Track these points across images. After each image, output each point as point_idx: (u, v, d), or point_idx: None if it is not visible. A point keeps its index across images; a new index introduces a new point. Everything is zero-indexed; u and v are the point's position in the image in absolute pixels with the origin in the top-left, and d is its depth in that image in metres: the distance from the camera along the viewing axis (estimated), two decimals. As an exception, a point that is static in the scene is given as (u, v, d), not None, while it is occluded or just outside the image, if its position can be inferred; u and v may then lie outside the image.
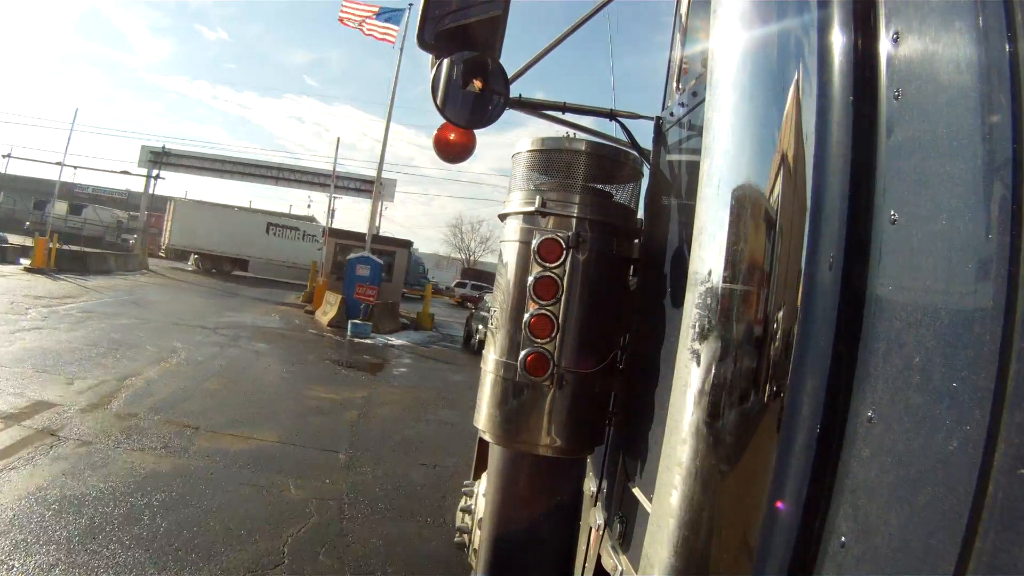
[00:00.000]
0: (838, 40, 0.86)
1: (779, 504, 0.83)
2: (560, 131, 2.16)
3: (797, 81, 0.89)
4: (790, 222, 0.86)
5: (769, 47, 0.93)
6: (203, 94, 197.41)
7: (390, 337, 16.78)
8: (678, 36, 1.96)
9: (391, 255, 22.55)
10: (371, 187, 23.88)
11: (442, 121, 1.94)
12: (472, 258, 59.38)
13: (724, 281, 0.90)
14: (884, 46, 0.81)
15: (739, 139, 0.93)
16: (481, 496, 2.12)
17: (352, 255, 19.30)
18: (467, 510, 2.31)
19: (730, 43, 0.98)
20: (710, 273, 0.92)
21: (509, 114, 1.96)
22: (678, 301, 1.30)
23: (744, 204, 0.91)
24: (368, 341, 15.35)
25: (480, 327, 15.50)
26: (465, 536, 2.27)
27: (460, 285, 38.86)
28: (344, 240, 23.08)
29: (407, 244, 24.83)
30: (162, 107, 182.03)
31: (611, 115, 2.13)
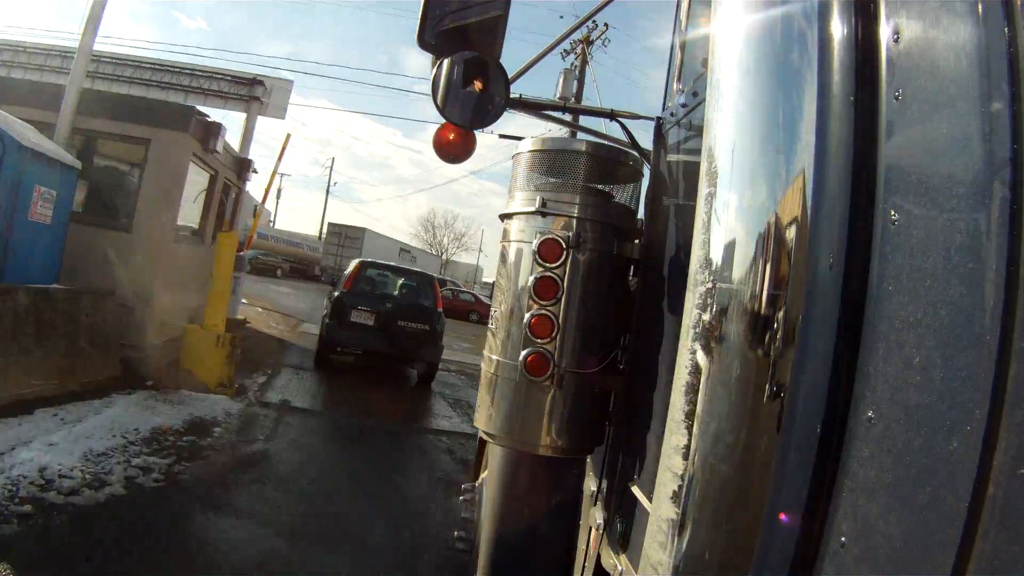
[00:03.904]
0: (838, 39, 0.86)
1: (779, 504, 0.83)
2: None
3: (797, 81, 0.89)
4: (790, 222, 0.86)
5: (769, 47, 0.93)
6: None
7: None
8: (678, 36, 1.96)
9: (142, 146, 7.29)
10: (246, 92, 12.09)
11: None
12: (446, 256, 56.70)
13: (724, 281, 0.90)
14: (884, 45, 0.81)
15: (739, 139, 0.93)
16: (482, 494, 2.12)
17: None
18: (468, 509, 2.31)
19: (730, 43, 0.98)
20: (710, 273, 0.92)
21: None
22: (678, 301, 1.30)
23: (744, 204, 0.90)
24: None
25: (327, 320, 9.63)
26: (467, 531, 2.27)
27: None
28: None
29: (198, 123, 7.80)
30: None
31: (611, 115, 2.13)
